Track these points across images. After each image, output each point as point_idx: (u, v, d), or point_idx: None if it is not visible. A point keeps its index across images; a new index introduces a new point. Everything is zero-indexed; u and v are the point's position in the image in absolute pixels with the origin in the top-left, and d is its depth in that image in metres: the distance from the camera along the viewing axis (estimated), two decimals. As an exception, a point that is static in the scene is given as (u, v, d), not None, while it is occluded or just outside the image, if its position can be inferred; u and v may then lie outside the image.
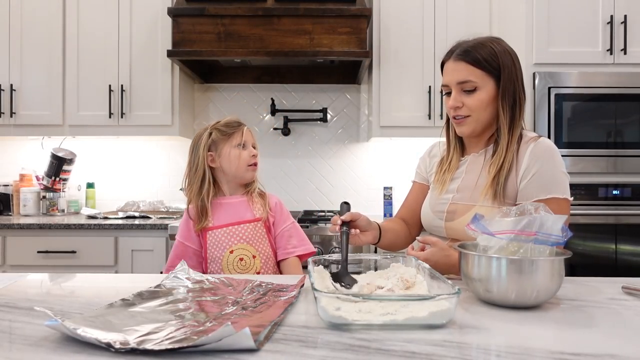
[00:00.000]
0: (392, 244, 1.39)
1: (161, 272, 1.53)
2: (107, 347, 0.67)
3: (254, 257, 1.46)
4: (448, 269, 1.14)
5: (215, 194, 1.53)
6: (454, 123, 1.30)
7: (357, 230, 1.24)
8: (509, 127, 1.23)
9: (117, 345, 0.67)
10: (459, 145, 1.37)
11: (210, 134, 1.51)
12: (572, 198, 1.21)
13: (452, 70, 1.25)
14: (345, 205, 1.27)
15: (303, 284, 1.07)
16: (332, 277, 1.02)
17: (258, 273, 1.45)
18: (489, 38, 1.27)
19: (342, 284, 1.00)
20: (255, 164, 1.53)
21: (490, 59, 1.22)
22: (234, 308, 0.89)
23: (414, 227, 1.46)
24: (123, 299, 0.90)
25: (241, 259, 1.45)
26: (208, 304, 0.92)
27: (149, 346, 0.67)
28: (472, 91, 1.23)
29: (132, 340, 0.69)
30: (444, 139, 1.43)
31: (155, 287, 1.00)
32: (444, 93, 1.32)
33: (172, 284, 1.04)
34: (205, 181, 1.50)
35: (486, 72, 1.22)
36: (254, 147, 1.54)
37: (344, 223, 1.19)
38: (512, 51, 1.26)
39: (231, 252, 1.45)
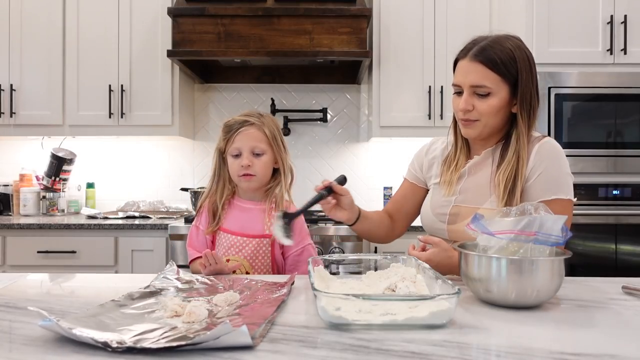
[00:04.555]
0: (368, 232, 1.38)
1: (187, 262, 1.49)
2: (104, 347, 0.67)
3: (247, 273, 1.35)
4: (450, 269, 1.12)
5: (237, 193, 1.46)
6: (461, 125, 1.24)
7: (333, 201, 1.23)
8: (527, 135, 1.19)
9: (114, 345, 0.67)
10: (466, 146, 1.31)
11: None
12: (576, 199, 1.20)
13: (466, 71, 1.18)
14: (342, 177, 1.27)
15: (293, 282, 1.07)
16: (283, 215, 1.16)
17: None
18: (506, 37, 1.20)
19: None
20: (246, 175, 1.36)
21: (508, 63, 1.15)
22: (226, 307, 0.88)
23: (399, 223, 1.44)
24: (113, 300, 0.89)
25: (234, 272, 1.32)
26: None
27: (146, 344, 0.67)
28: (484, 95, 1.17)
29: (128, 339, 0.69)
30: (442, 138, 1.39)
31: (144, 288, 1.00)
32: (453, 92, 1.24)
33: (162, 284, 1.04)
34: (219, 182, 1.43)
35: (502, 77, 1.15)
36: (259, 154, 1.37)
37: (328, 188, 1.20)
38: (529, 54, 1.19)
39: (227, 260, 1.35)
